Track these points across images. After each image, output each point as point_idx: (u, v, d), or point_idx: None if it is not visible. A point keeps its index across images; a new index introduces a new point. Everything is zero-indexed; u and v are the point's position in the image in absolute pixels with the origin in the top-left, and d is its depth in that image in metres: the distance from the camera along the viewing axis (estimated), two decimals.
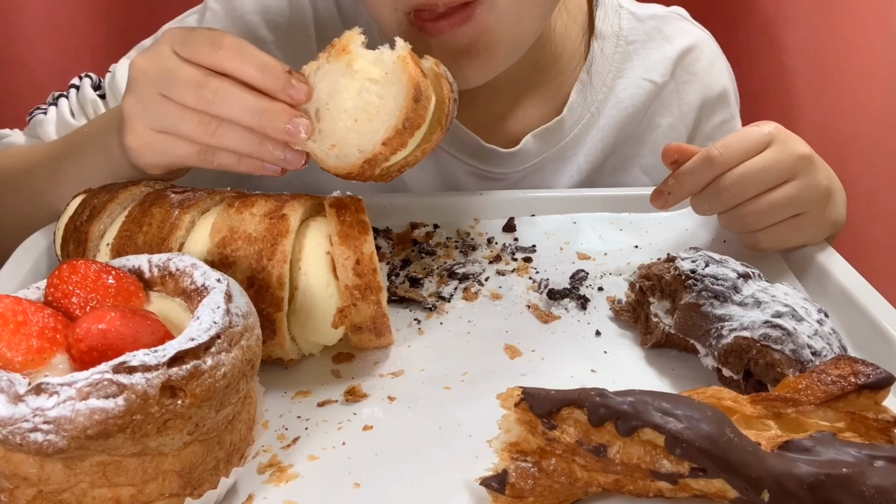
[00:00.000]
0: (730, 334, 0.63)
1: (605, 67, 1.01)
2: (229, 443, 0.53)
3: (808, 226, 0.80)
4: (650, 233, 0.91)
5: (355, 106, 0.64)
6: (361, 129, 0.64)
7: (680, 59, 1.04)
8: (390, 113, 0.63)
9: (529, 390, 0.53)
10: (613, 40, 1.02)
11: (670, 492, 0.52)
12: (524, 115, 1.01)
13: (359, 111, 0.64)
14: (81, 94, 0.97)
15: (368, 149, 0.64)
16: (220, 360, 0.50)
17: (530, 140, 0.99)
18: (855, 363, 0.55)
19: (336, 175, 0.66)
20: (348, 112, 0.64)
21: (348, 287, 0.65)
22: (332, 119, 0.65)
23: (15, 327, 0.49)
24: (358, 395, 0.65)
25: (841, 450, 0.50)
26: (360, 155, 0.64)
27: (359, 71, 0.64)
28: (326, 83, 0.65)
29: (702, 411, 0.51)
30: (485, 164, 1.00)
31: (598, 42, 1.01)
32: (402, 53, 0.63)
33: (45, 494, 0.48)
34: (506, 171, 1.01)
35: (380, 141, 0.64)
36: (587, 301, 0.78)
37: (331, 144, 0.65)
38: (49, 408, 0.45)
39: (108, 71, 0.99)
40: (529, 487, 0.52)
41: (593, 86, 1.01)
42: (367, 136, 0.64)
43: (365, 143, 0.64)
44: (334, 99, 0.64)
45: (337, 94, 0.64)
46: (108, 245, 0.67)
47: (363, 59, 0.64)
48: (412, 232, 0.90)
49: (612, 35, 1.02)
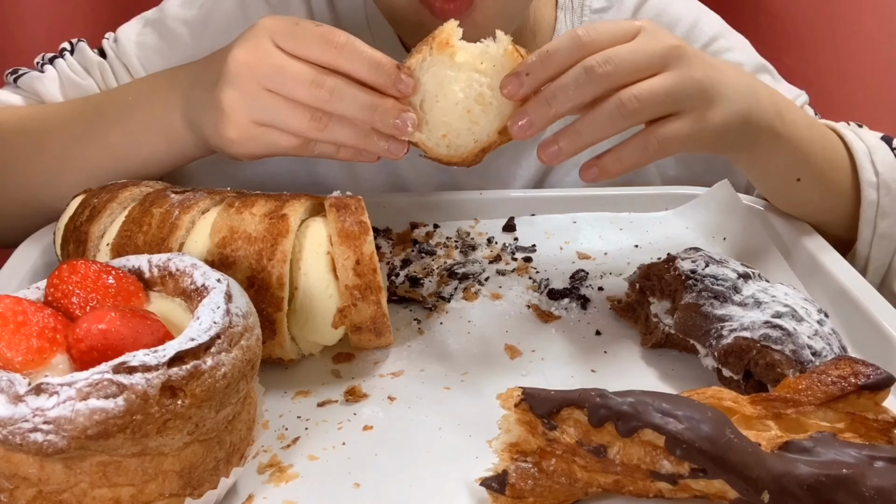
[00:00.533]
0: (730, 334, 0.63)
1: None
2: (229, 443, 0.53)
3: (691, 128, 0.69)
4: (650, 233, 0.91)
5: (466, 97, 0.66)
6: (475, 119, 0.67)
7: (635, 12, 1.03)
8: (504, 103, 0.66)
9: (529, 390, 0.53)
10: (579, 11, 1.03)
11: (670, 492, 0.52)
12: None
13: (470, 102, 0.66)
14: (82, 55, 0.96)
15: (483, 138, 0.68)
16: (220, 361, 0.50)
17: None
18: (855, 364, 0.55)
19: (446, 163, 0.69)
20: (460, 103, 0.66)
21: (348, 287, 0.65)
22: (443, 110, 0.67)
23: (15, 327, 0.49)
24: (358, 395, 0.65)
25: (841, 450, 0.50)
26: (476, 144, 0.68)
27: (463, 64, 0.66)
28: (431, 75, 0.66)
29: (702, 412, 0.51)
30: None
31: (563, 14, 1.02)
32: (508, 47, 0.66)
33: (45, 494, 0.48)
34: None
35: (495, 130, 0.67)
36: (587, 301, 0.78)
37: (442, 134, 0.67)
38: (49, 408, 0.45)
39: (105, 37, 0.99)
40: (529, 488, 0.52)
41: None
42: (480, 125, 0.67)
43: (479, 133, 0.67)
44: (443, 91, 0.66)
45: (445, 86, 0.66)
46: (108, 245, 0.67)
47: (466, 52, 0.66)
48: (412, 232, 0.90)
49: (578, 6, 1.03)
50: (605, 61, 0.66)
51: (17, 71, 0.95)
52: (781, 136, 0.78)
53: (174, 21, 0.96)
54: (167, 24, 0.96)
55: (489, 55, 0.66)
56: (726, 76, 0.73)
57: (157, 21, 0.97)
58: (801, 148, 0.80)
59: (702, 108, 0.70)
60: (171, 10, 0.98)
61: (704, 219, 0.91)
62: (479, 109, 0.67)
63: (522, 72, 0.65)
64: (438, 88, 0.66)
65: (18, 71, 0.95)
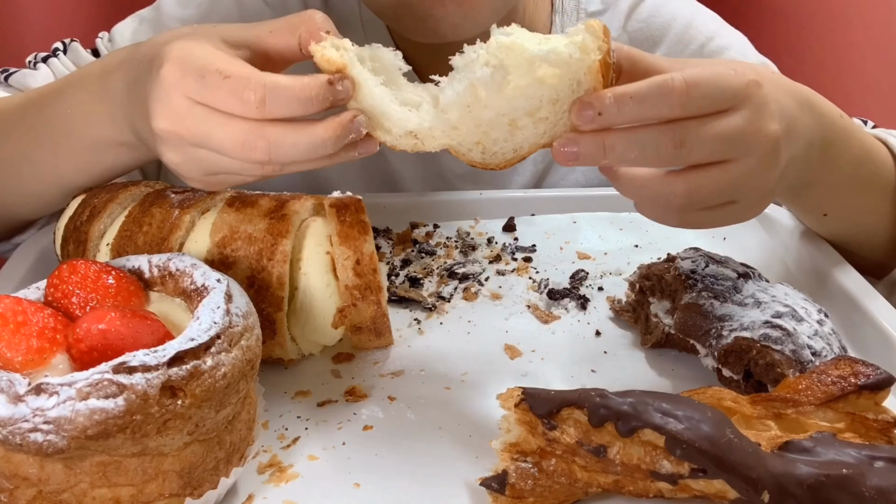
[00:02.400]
0: (730, 334, 0.63)
1: None
2: (229, 443, 0.53)
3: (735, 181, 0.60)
4: (650, 233, 0.91)
5: (513, 108, 0.56)
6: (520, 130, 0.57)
7: (626, 19, 1.02)
8: (561, 119, 0.57)
9: (529, 391, 0.53)
10: (574, 14, 1.02)
11: (670, 492, 0.52)
12: None
13: (519, 114, 0.56)
14: (76, 55, 0.95)
15: (525, 148, 0.58)
16: (220, 361, 0.50)
17: None
18: (855, 364, 0.55)
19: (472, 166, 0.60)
20: (505, 115, 0.56)
21: (348, 287, 0.65)
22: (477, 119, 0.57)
23: (15, 327, 0.49)
24: (358, 395, 0.65)
25: (841, 450, 0.50)
26: (514, 154, 0.59)
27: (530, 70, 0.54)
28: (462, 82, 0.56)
29: (702, 412, 0.51)
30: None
31: (559, 16, 1.01)
32: (594, 64, 0.54)
33: (45, 494, 0.48)
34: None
35: (541, 145, 0.58)
36: (587, 301, 0.78)
37: (476, 141, 0.58)
38: (49, 408, 0.45)
39: (99, 36, 0.98)
40: (529, 488, 0.52)
41: None
42: (524, 136, 0.58)
43: (521, 144, 0.58)
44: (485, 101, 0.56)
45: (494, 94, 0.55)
46: (108, 245, 0.67)
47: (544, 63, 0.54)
48: (412, 232, 0.90)
49: (573, 9, 1.02)
50: (681, 142, 0.57)
51: (7, 70, 0.94)
52: (821, 183, 0.72)
53: (171, 20, 0.96)
54: (163, 22, 0.96)
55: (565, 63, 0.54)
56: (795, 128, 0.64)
57: (153, 20, 0.97)
58: (837, 190, 0.75)
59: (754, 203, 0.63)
60: (168, 9, 0.97)
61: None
62: (528, 122, 0.57)
63: (595, 107, 0.56)
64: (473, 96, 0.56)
65: (8, 70, 0.94)
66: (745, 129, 0.58)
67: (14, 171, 0.78)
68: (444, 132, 0.58)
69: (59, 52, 0.96)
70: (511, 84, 0.55)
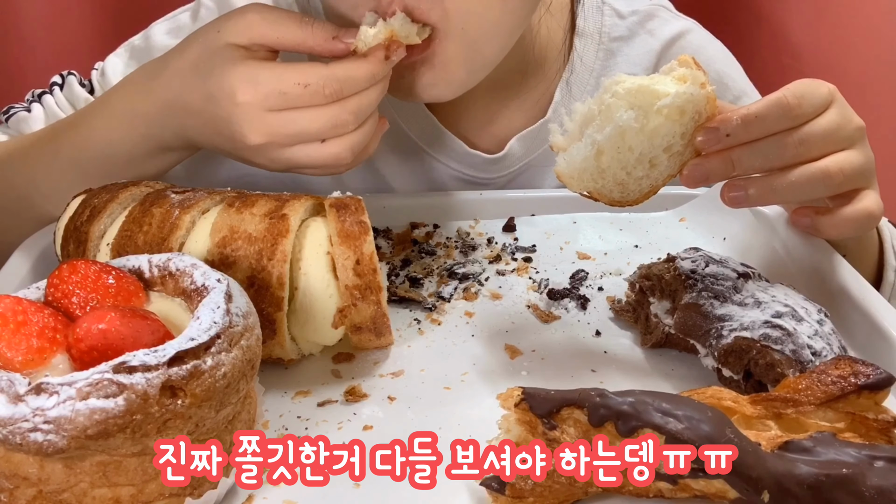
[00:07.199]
0: (730, 334, 0.63)
1: (589, 66, 1.00)
2: (229, 443, 0.53)
3: (873, 204, 0.72)
4: (650, 233, 0.91)
5: (653, 146, 0.61)
6: (656, 167, 0.63)
7: (664, 51, 1.02)
8: (689, 149, 0.63)
9: (529, 390, 0.53)
10: (596, 38, 1.01)
11: (670, 492, 0.52)
12: (510, 119, 1.00)
13: (658, 151, 0.62)
14: (70, 91, 0.95)
15: (660, 182, 0.64)
16: (220, 360, 0.50)
17: (515, 144, 0.99)
18: (855, 363, 0.55)
19: (611, 205, 0.65)
20: (646, 154, 0.61)
21: (348, 287, 0.65)
22: (622, 162, 0.61)
23: (15, 327, 0.49)
24: (358, 395, 0.65)
25: (841, 450, 0.50)
26: (650, 189, 0.64)
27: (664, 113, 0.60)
28: (605, 120, 0.61)
29: (702, 411, 0.51)
30: (470, 169, 1.00)
31: (581, 41, 1.00)
32: (711, 94, 0.60)
33: (45, 494, 0.48)
34: (490, 176, 1.00)
35: (673, 174, 0.64)
36: (587, 301, 0.78)
37: (618, 182, 0.63)
38: (49, 408, 0.45)
39: (94, 68, 0.98)
40: (529, 487, 0.52)
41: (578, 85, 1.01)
42: (659, 171, 0.63)
43: (657, 178, 0.63)
44: (630, 142, 0.61)
45: (629, 137, 0.60)
46: (108, 245, 0.67)
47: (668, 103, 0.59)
48: (412, 232, 0.90)
49: (595, 33, 1.01)
50: (800, 142, 0.66)
51: (10, 111, 0.95)
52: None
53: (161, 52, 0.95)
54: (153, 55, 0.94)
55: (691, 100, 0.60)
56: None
57: (143, 51, 0.96)
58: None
59: (875, 184, 0.74)
60: (158, 40, 0.97)
61: (704, 219, 0.91)
62: (664, 157, 0.62)
63: (723, 131, 0.62)
64: (620, 139, 0.60)
65: (11, 110, 0.95)
66: (840, 123, 0.68)
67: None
68: (592, 177, 0.62)
69: (56, 87, 0.96)
70: (650, 124, 0.60)
